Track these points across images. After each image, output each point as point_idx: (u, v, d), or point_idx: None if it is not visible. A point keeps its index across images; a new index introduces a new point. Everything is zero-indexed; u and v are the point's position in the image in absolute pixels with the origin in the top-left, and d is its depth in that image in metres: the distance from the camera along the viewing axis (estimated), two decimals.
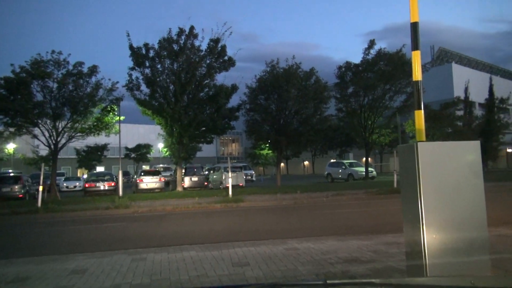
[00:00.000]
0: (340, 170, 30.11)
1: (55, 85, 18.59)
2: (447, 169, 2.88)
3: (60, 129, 19.25)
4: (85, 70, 19.16)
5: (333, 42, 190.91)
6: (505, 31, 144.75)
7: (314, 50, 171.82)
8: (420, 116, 3.27)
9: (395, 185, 16.69)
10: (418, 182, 2.83)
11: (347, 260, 5.30)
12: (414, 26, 3.34)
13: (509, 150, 47.30)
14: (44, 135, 19.22)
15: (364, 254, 5.61)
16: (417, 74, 3.32)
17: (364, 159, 29.46)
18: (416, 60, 3.34)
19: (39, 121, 18.90)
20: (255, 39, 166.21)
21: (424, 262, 2.81)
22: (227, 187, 16.73)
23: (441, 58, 66.87)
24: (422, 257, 2.82)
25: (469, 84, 36.20)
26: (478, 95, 42.35)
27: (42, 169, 14.97)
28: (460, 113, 33.48)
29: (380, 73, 25.21)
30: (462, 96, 34.67)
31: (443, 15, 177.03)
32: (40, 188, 14.49)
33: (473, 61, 71.33)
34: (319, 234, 7.49)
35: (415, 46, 3.33)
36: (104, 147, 48.37)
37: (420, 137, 3.22)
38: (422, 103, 3.33)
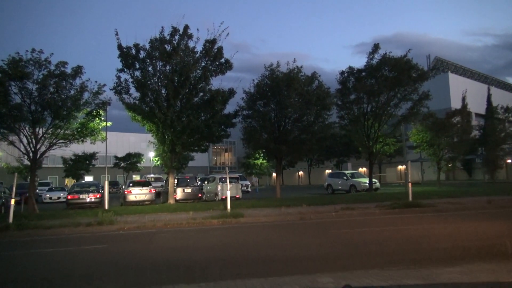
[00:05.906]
0: (341, 181, 28.61)
1: (35, 87, 16.80)
2: None
3: (40, 136, 17.50)
4: (68, 70, 17.40)
5: (323, 53, 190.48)
6: (492, 44, 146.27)
7: (305, 60, 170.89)
8: None
9: (410, 198, 15.14)
10: None
11: None
12: None
13: (508, 161, 46.28)
14: (22, 142, 17.45)
15: None
16: None
17: (362, 169, 28.00)
18: None
19: (17, 126, 17.13)
20: (247, 49, 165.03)
21: None
22: (223, 199, 15.11)
23: (437, 68, 66.28)
24: None
25: (466, 93, 35.51)
26: (474, 105, 41.62)
27: (15, 179, 13.13)
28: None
29: (384, 78, 23.95)
30: (459, 105, 33.89)
31: (429, 27, 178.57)
32: (12, 201, 12.66)
33: (468, 71, 70.99)
34: (351, 265, 5.90)
35: None
36: (92, 155, 46.38)
37: None
38: None
